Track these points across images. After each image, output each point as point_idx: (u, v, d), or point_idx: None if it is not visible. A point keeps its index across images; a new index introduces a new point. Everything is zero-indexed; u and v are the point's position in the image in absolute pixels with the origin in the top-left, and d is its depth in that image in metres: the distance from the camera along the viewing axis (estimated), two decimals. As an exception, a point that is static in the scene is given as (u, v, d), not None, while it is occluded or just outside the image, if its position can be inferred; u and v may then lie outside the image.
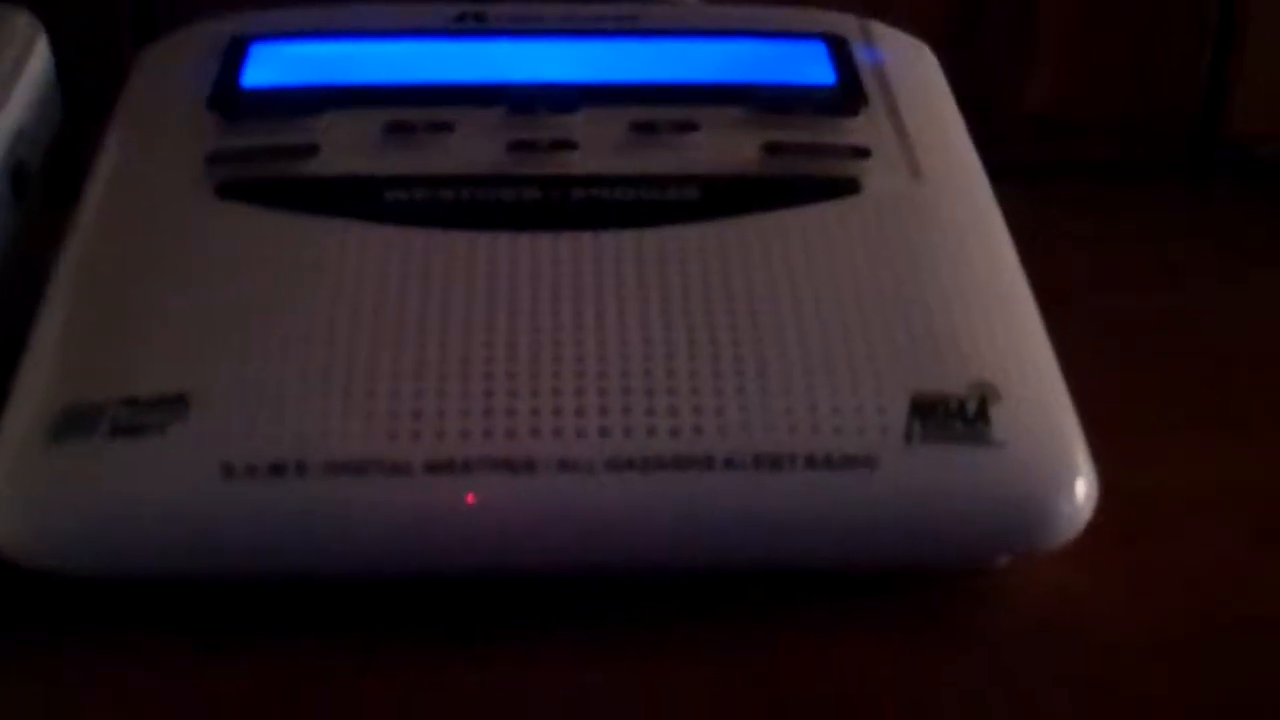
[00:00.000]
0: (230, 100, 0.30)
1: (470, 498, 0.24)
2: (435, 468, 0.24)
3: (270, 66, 0.32)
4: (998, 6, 0.45)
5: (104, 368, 0.25)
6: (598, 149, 0.29)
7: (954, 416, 0.25)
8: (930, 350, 0.25)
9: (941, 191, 0.29)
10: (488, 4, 0.34)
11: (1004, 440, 0.24)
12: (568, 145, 0.29)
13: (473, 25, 0.33)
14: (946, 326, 0.26)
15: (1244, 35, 0.46)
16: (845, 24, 0.34)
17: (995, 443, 0.24)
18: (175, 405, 0.24)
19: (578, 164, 0.29)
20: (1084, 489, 0.24)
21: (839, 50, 0.33)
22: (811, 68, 0.32)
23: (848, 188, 0.29)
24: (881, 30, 0.34)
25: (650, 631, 0.25)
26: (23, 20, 0.33)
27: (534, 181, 0.28)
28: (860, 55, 0.33)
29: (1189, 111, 0.47)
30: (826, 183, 0.29)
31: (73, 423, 0.24)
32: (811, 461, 0.24)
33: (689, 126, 0.30)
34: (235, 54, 0.32)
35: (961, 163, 0.30)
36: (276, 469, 0.24)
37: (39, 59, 0.33)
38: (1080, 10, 0.46)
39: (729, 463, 0.24)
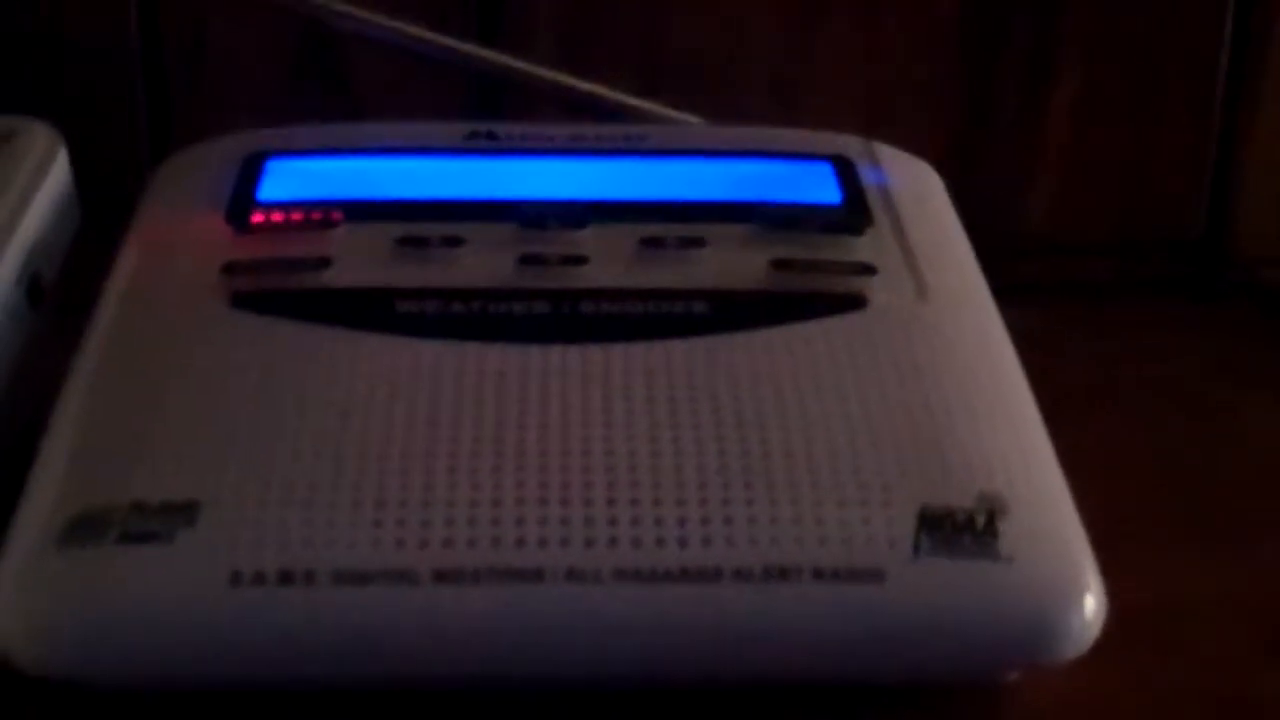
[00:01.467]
0: (245, 212, 0.31)
1: (479, 607, 0.24)
2: (443, 577, 0.24)
3: (286, 181, 0.32)
4: (1002, 126, 0.46)
5: (114, 474, 0.25)
6: (607, 264, 0.29)
7: (962, 530, 0.25)
8: (938, 463, 0.26)
9: (946, 308, 0.29)
10: (498, 123, 0.35)
11: (1012, 555, 0.24)
12: (577, 260, 0.29)
13: (484, 144, 0.34)
14: (953, 439, 0.26)
15: (1246, 157, 0.47)
16: (851, 145, 0.35)
17: (1003, 557, 0.24)
18: (184, 512, 0.24)
19: (587, 278, 0.29)
20: (1093, 605, 0.24)
21: (845, 170, 0.33)
22: (817, 187, 0.33)
23: (854, 303, 0.29)
24: (886, 151, 0.35)
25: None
26: (42, 132, 0.34)
27: (544, 295, 0.29)
28: (866, 175, 0.33)
29: (1192, 235, 0.48)
30: (833, 299, 0.29)
31: (81, 528, 0.24)
32: (819, 574, 0.24)
33: (697, 242, 0.30)
34: (251, 169, 0.32)
35: (966, 280, 0.31)
36: (285, 577, 0.24)
37: (58, 170, 0.33)
38: (1083, 133, 0.47)
39: (737, 574, 0.24)
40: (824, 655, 0.24)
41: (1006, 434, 0.27)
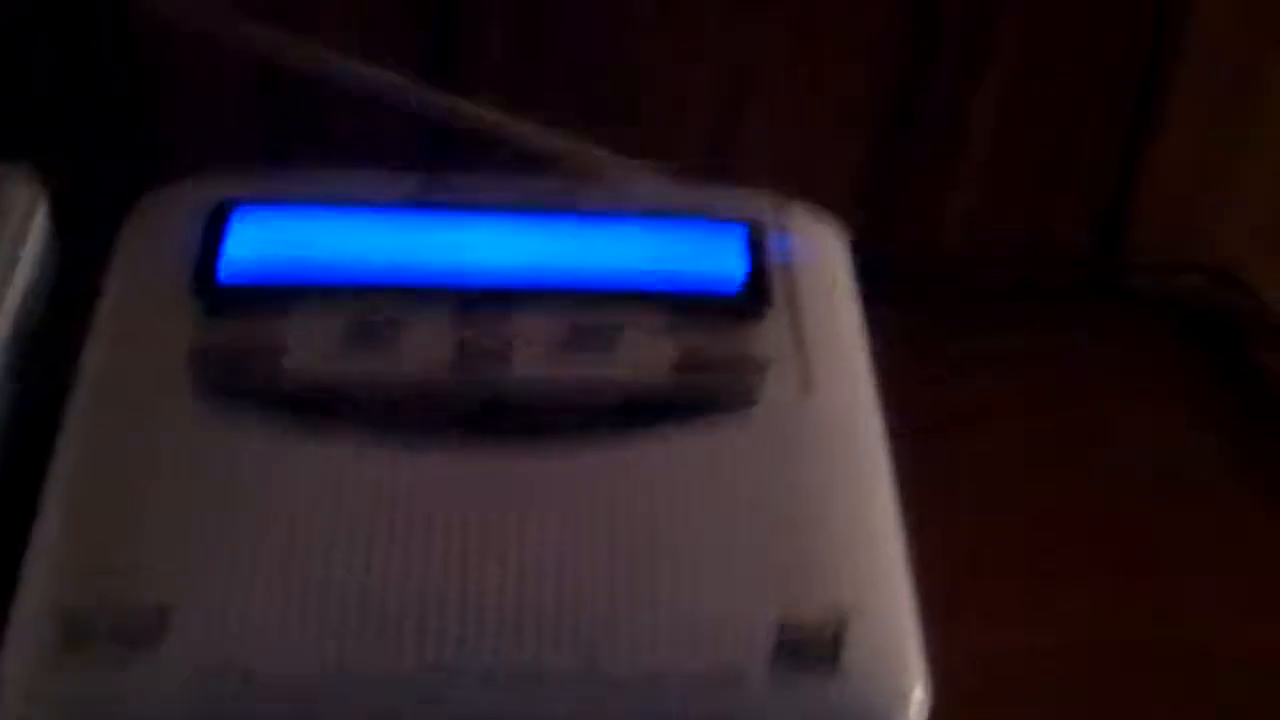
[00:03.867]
0: (208, 290, 0.34)
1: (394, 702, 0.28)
2: (384, 679, 0.28)
3: (246, 245, 0.36)
4: (923, 136, 0.50)
5: (95, 579, 0.29)
6: (532, 356, 0.33)
7: (811, 642, 0.29)
8: (797, 578, 0.30)
9: (827, 405, 0.34)
10: (444, 175, 0.38)
11: (851, 667, 0.29)
12: (505, 352, 0.33)
13: (429, 201, 0.37)
14: (814, 554, 0.31)
15: (1149, 174, 0.51)
16: (764, 207, 0.38)
17: (844, 669, 0.29)
18: (156, 616, 0.29)
19: (514, 371, 0.33)
20: (917, 706, 0.29)
21: (755, 241, 0.37)
22: (728, 261, 0.36)
23: (744, 401, 0.33)
24: (798, 214, 0.38)
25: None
26: (23, 179, 0.37)
27: (475, 389, 0.33)
28: (774, 246, 0.37)
29: (1092, 245, 0.51)
30: (727, 397, 0.33)
31: (70, 637, 0.29)
32: (686, 677, 0.29)
33: (614, 330, 0.34)
34: (214, 230, 0.36)
35: (851, 369, 0.35)
36: (246, 677, 0.28)
37: (41, 219, 0.37)
38: (1000, 144, 0.50)
39: (598, 677, 0.29)
40: (690, 747, 0.29)
41: (863, 548, 0.31)
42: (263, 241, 0.36)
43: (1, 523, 0.32)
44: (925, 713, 0.29)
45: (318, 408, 0.32)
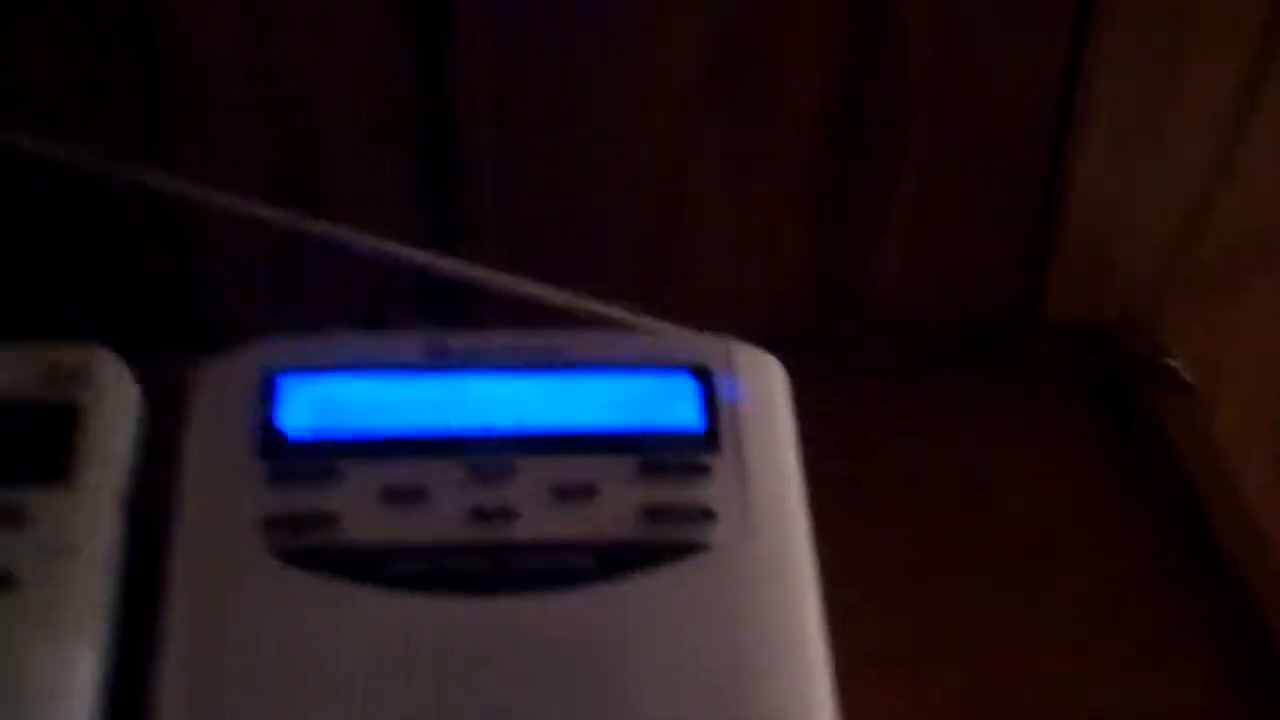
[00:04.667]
0: (271, 452, 0.44)
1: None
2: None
3: (295, 410, 0.45)
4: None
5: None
6: (530, 514, 0.43)
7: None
8: (738, 697, 0.40)
9: (766, 547, 0.43)
10: (448, 332, 0.47)
11: (779, 770, 0.39)
12: (508, 513, 0.43)
13: (438, 360, 0.46)
14: (751, 676, 0.40)
15: (1059, 238, 0.59)
16: (713, 350, 0.47)
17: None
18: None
19: (514, 532, 0.42)
20: None
21: (706, 387, 0.46)
22: (683, 409, 0.46)
23: (697, 548, 0.42)
24: (741, 355, 0.47)
25: None
26: (109, 360, 0.45)
27: (485, 550, 0.42)
28: (722, 389, 0.46)
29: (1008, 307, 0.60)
30: (682, 546, 0.42)
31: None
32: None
33: (591, 490, 0.43)
34: (267, 394, 0.45)
35: (786, 513, 0.44)
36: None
37: (130, 396, 0.45)
38: (922, 218, 0.58)
39: None
40: None
41: (792, 677, 0.41)
42: (308, 408, 0.45)
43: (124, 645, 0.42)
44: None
45: (368, 568, 0.42)
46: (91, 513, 0.42)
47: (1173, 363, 0.57)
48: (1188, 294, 0.60)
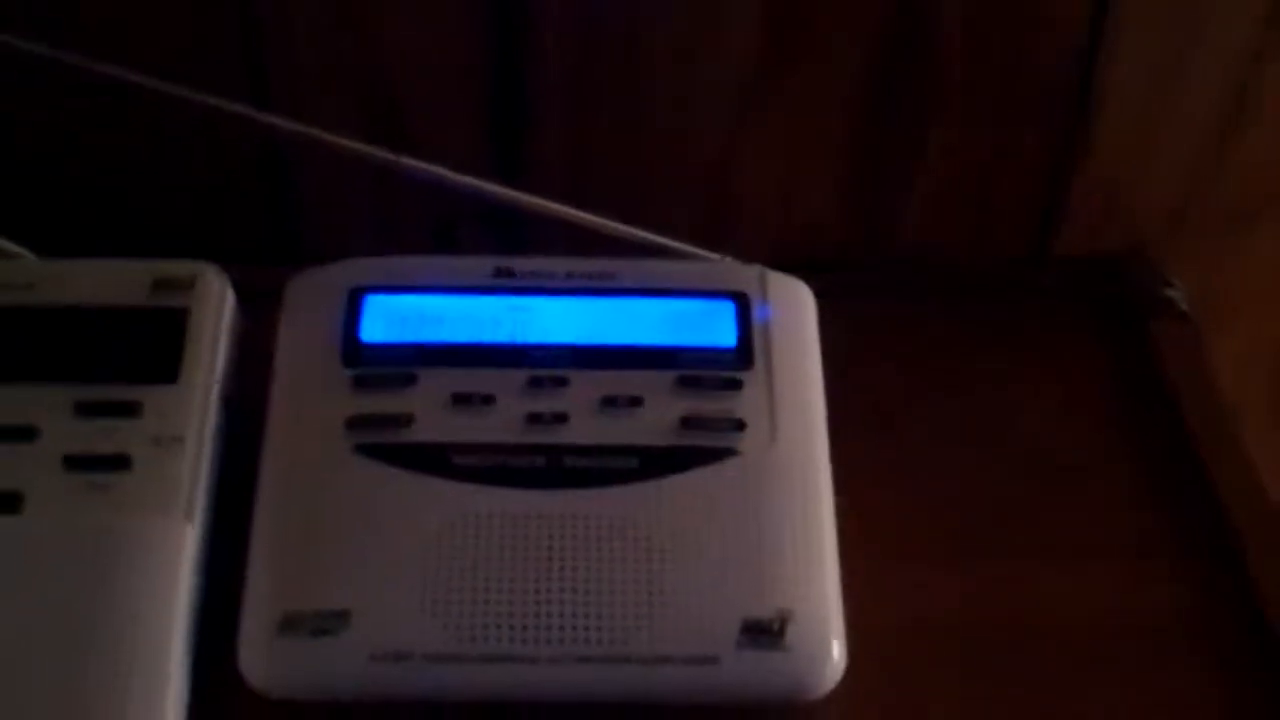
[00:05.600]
0: (354, 360, 0.49)
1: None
2: (486, 659, 0.44)
3: (377, 323, 0.50)
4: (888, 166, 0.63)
5: (299, 591, 0.45)
6: (580, 421, 0.48)
7: (766, 632, 0.45)
8: (758, 585, 0.46)
9: (788, 452, 0.48)
10: (513, 258, 0.53)
11: (792, 647, 0.45)
12: (562, 418, 0.48)
13: (504, 281, 0.52)
14: (770, 568, 0.46)
15: (1077, 182, 0.63)
16: (749, 277, 0.52)
17: (787, 649, 0.45)
18: (341, 616, 0.45)
19: (568, 433, 0.48)
20: (835, 673, 0.45)
21: (742, 308, 0.51)
22: (722, 329, 0.51)
23: (728, 454, 0.48)
24: (775, 282, 0.52)
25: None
26: (213, 274, 0.51)
27: (541, 450, 0.48)
28: (756, 313, 0.51)
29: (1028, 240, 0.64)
30: (715, 451, 0.48)
31: (286, 626, 0.45)
32: (683, 659, 0.44)
33: (636, 401, 0.49)
34: (353, 308, 0.51)
35: (807, 423, 0.49)
36: (400, 657, 0.44)
37: (230, 306, 0.51)
38: (952, 155, 0.63)
39: (626, 658, 0.44)
40: (686, 700, 0.45)
41: (805, 565, 0.46)
42: (389, 322, 0.51)
43: (222, 525, 0.48)
44: (839, 676, 0.45)
45: (437, 462, 0.47)
46: (196, 407, 0.49)
47: (1172, 293, 0.60)
48: (1200, 230, 0.64)
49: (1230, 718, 0.48)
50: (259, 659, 0.45)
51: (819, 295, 0.53)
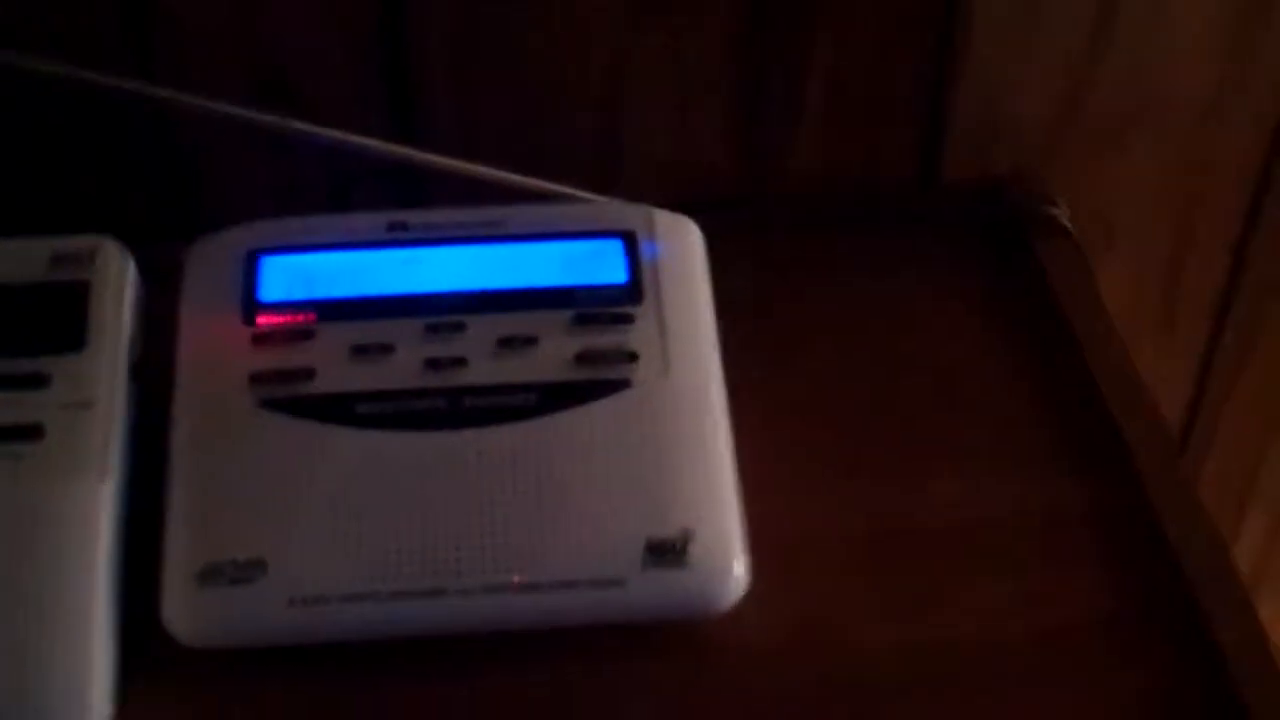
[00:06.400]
0: (253, 318, 0.51)
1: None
2: (399, 595, 0.46)
3: (275, 282, 0.52)
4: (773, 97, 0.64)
5: (216, 543, 0.46)
6: (479, 363, 0.50)
7: (669, 551, 0.47)
8: (659, 510, 0.47)
9: (681, 382, 0.50)
10: (408, 213, 0.54)
11: (695, 564, 0.47)
12: (460, 361, 0.50)
13: (398, 235, 0.53)
14: (671, 491, 0.48)
15: (953, 103, 0.65)
16: (636, 217, 0.54)
17: (690, 566, 0.47)
18: (258, 564, 0.46)
19: (468, 375, 0.49)
20: (739, 587, 0.47)
21: (630, 248, 0.53)
22: (612, 268, 0.52)
23: (623, 385, 0.50)
24: (663, 221, 0.54)
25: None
26: (113, 248, 0.52)
27: (442, 393, 0.49)
28: (644, 250, 0.53)
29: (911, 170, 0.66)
30: (610, 383, 0.50)
31: (206, 577, 0.46)
32: (589, 583, 0.46)
33: (532, 341, 0.50)
34: (251, 269, 0.52)
35: (699, 355, 0.51)
36: (317, 600, 0.46)
37: (132, 278, 0.52)
38: (833, 90, 0.65)
39: (533, 586, 0.46)
40: (592, 620, 0.47)
41: (704, 485, 0.48)
42: (286, 281, 0.52)
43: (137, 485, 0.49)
44: (742, 589, 0.47)
45: (336, 409, 0.49)
46: (104, 372, 0.50)
47: (1054, 211, 0.63)
48: (1076, 150, 0.66)
49: (1116, 605, 0.50)
50: (181, 611, 0.46)
51: (713, 234, 0.55)
